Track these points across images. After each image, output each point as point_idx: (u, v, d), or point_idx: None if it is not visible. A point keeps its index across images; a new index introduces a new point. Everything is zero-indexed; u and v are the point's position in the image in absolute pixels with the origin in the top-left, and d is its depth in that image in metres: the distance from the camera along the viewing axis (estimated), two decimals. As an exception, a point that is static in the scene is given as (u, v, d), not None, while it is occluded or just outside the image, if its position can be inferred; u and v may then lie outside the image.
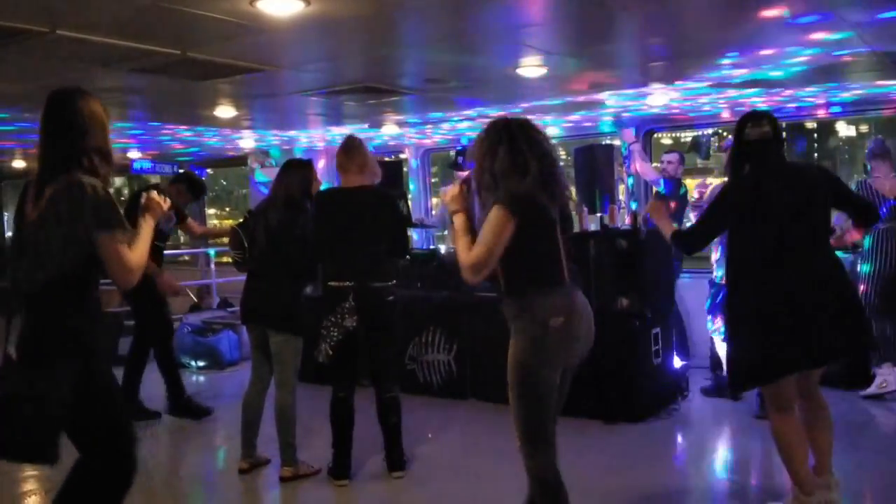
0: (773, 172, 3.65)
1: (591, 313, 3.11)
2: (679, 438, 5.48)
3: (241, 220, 4.89)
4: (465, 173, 7.08)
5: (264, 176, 9.59)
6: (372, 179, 4.49)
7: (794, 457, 3.60)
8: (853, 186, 5.76)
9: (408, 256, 7.07)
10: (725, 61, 5.15)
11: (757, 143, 3.66)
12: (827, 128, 16.17)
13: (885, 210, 5.83)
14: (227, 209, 18.61)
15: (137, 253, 2.84)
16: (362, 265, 4.30)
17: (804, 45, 4.67)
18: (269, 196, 4.75)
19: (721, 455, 5.20)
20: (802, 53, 4.89)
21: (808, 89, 6.21)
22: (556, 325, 2.93)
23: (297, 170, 4.69)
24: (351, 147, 4.50)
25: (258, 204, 4.89)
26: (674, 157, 6.99)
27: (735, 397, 5.69)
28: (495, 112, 7.22)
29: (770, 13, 3.98)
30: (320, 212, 4.48)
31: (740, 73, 5.55)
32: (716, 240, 4.69)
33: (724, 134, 8.23)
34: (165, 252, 6.53)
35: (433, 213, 9.37)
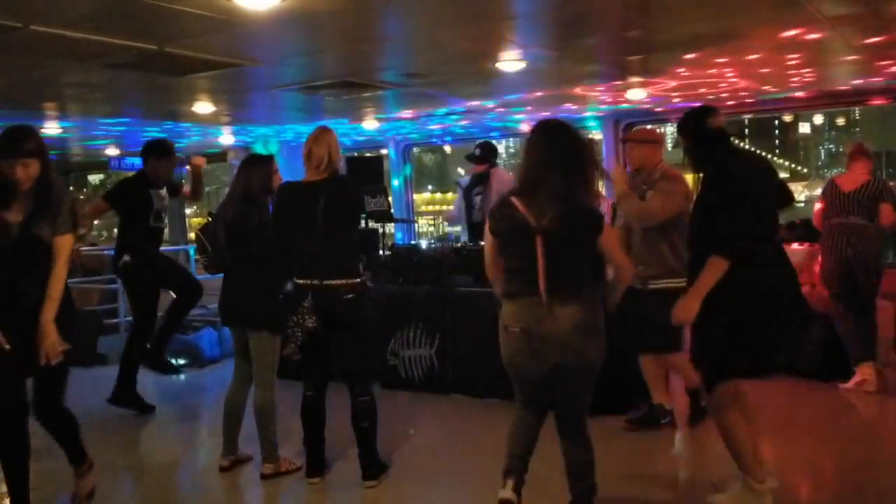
0: (749, 159, 3.83)
1: (572, 326, 3.25)
2: (668, 432, 5.47)
3: (203, 224, 4.84)
4: (484, 167, 7.10)
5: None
6: (330, 172, 4.34)
7: (745, 448, 3.67)
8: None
9: (383, 252, 7.09)
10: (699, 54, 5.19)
11: (720, 132, 3.72)
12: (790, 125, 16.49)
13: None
14: (196, 208, 18.44)
15: None
16: (322, 262, 4.21)
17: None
18: (228, 193, 4.70)
19: (705, 447, 5.22)
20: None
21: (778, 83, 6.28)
22: (514, 332, 3.31)
23: (256, 165, 4.62)
24: (311, 140, 4.39)
25: (219, 203, 4.85)
26: None
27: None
28: (476, 104, 7.23)
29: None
30: (278, 207, 4.41)
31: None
32: None
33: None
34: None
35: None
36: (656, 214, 4.74)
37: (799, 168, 38.36)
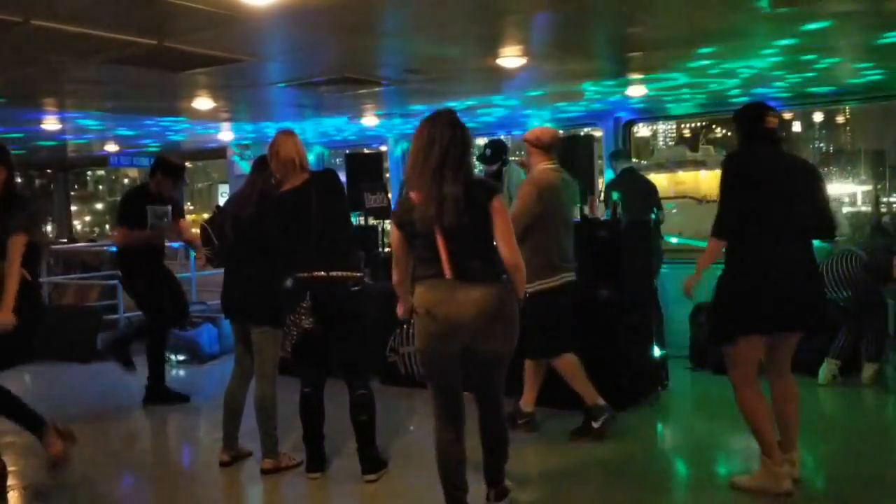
0: (784, 156, 4.00)
1: (485, 305, 3.30)
2: (659, 427, 5.52)
3: (209, 217, 4.83)
4: (496, 165, 7.08)
5: (248, 165, 9.53)
6: (307, 171, 4.37)
7: (765, 428, 3.89)
8: None
9: (382, 249, 7.08)
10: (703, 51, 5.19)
11: (773, 131, 3.96)
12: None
13: None
14: (190, 205, 18.47)
15: None
16: (326, 255, 4.23)
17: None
18: (243, 190, 4.67)
19: (700, 442, 5.23)
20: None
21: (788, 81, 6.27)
22: (420, 313, 3.38)
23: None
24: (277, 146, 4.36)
25: (229, 198, 4.84)
26: None
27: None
28: (475, 102, 7.23)
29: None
30: (272, 218, 4.40)
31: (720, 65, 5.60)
32: None
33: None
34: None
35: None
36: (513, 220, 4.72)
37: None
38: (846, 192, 28.52)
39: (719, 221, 3.89)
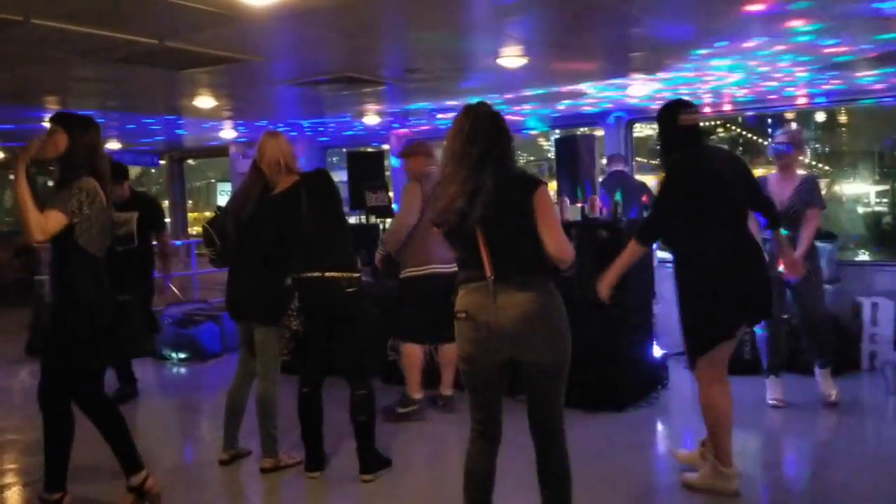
0: (712, 155, 4.02)
1: (529, 310, 2.98)
2: (659, 427, 5.52)
3: (211, 217, 4.83)
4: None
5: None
6: (296, 172, 4.41)
7: (725, 428, 3.93)
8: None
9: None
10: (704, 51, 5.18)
11: (692, 128, 3.97)
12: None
13: None
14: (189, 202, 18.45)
15: None
16: (322, 256, 4.27)
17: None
18: (243, 188, 4.67)
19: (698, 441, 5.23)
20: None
21: (791, 79, 6.25)
22: (461, 319, 3.07)
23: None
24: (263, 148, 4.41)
25: (231, 197, 4.85)
26: None
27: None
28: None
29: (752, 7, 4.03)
30: (265, 220, 4.42)
31: (722, 63, 5.59)
32: None
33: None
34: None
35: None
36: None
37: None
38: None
39: (647, 230, 4.06)
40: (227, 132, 9.26)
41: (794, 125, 5.63)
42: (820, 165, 19.12)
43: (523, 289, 3.00)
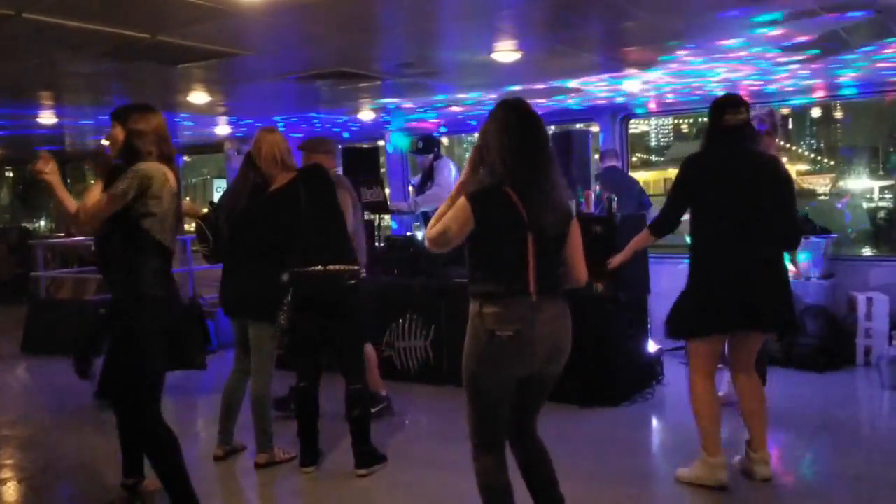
0: (742, 156, 3.91)
1: (562, 325, 2.99)
2: (654, 422, 5.53)
3: (204, 213, 4.81)
4: (429, 158, 7.21)
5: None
6: (292, 168, 4.41)
7: (708, 420, 3.98)
8: None
9: (378, 244, 7.08)
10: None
11: (734, 128, 3.88)
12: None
13: None
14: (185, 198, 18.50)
15: None
16: (322, 249, 4.28)
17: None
18: (235, 185, 4.67)
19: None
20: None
21: (802, 72, 6.24)
22: (503, 337, 2.86)
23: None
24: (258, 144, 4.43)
25: (223, 193, 4.84)
26: None
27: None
28: (473, 96, 7.22)
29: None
30: (262, 216, 4.42)
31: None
32: None
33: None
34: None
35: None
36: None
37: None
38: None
39: (659, 219, 4.10)
40: (222, 128, 9.24)
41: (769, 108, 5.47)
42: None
43: (559, 303, 3.00)
